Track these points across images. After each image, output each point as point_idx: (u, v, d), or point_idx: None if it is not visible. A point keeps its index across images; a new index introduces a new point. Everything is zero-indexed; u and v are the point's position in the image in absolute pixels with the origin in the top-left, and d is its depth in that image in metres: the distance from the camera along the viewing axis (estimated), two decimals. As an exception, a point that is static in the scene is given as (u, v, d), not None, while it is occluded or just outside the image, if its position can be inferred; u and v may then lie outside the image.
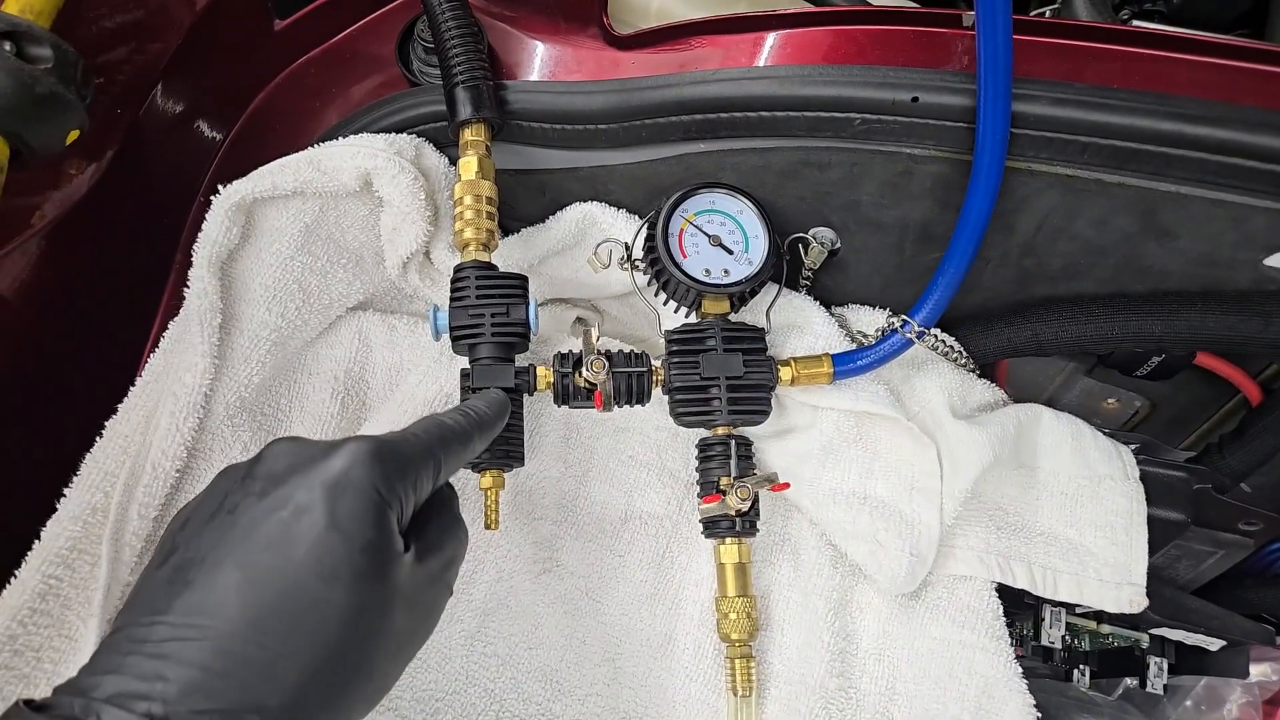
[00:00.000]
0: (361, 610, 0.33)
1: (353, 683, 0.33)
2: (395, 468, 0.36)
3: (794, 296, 0.61)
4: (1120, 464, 0.60)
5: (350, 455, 0.35)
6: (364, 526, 0.33)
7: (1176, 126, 0.49)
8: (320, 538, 0.32)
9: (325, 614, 0.32)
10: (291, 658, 0.30)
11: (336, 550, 0.32)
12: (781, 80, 0.52)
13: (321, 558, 0.32)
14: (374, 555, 0.33)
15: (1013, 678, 0.54)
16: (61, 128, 0.45)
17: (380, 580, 0.34)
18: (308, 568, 0.32)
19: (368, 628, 0.33)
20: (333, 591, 0.32)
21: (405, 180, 0.55)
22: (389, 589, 0.34)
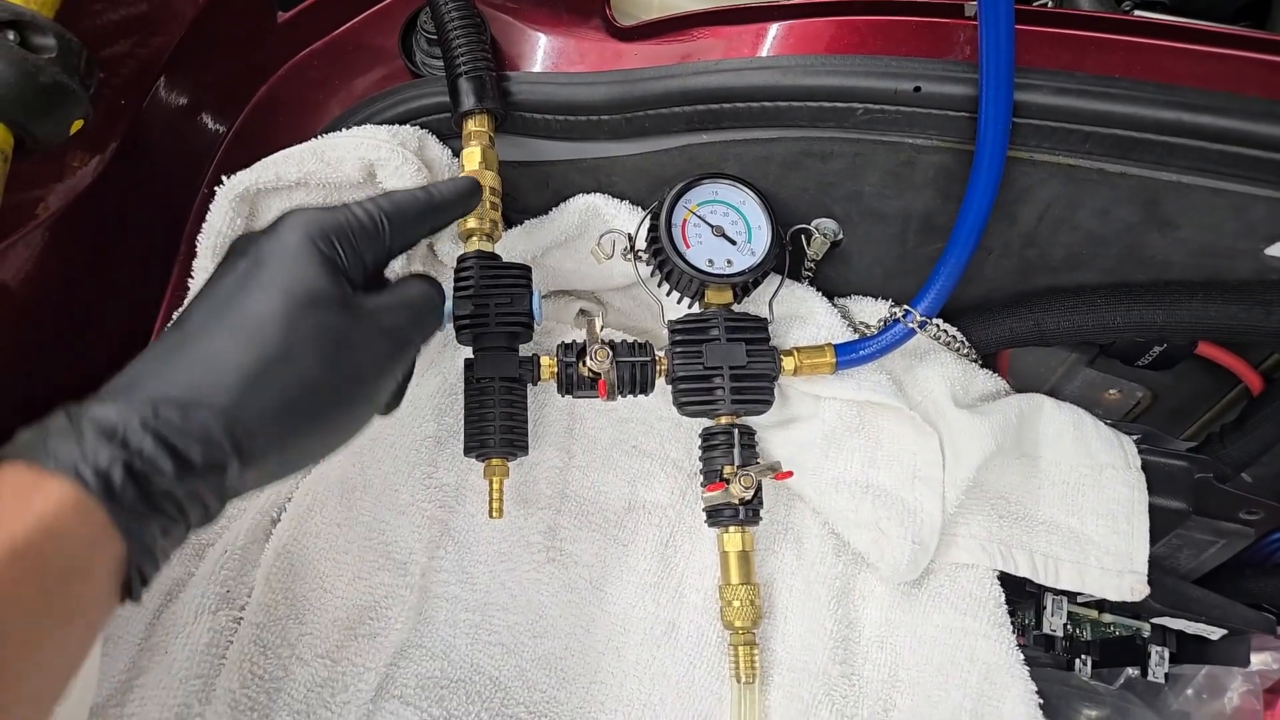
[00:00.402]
0: (295, 323, 0.34)
1: (300, 396, 0.34)
2: (333, 226, 0.38)
3: (796, 287, 0.61)
4: (1122, 453, 0.60)
5: (293, 219, 0.37)
6: (299, 260, 0.36)
7: (1178, 115, 0.49)
8: (257, 268, 0.35)
9: (258, 322, 0.34)
10: (231, 357, 0.33)
11: (272, 274, 0.35)
12: (784, 70, 0.52)
13: (257, 280, 0.35)
14: (308, 282, 0.35)
15: (1014, 664, 0.54)
16: (65, 117, 0.45)
17: (313, 301, 0.35)
18: (248, 290, 0.35)
19: (307, 342, 0.35)
20: (265, 304, 0.34)
21: (408, 171, 0.55)
22: (326, 312, 0.35)
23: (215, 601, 0.49)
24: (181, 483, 0.31)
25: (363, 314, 0.37)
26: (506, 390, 0.53)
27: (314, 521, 0.53)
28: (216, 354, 0.33)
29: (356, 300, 0.37)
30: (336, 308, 0.36)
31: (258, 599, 0.50)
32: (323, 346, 0.35)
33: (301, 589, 0.51)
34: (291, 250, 0.36)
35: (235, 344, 0.33)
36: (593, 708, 0.54)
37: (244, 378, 0.33)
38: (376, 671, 0.50)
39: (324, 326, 0.35)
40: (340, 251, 0.37)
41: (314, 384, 0.35)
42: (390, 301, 0.39)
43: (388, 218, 0.40)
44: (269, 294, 0.35)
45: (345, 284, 0.37)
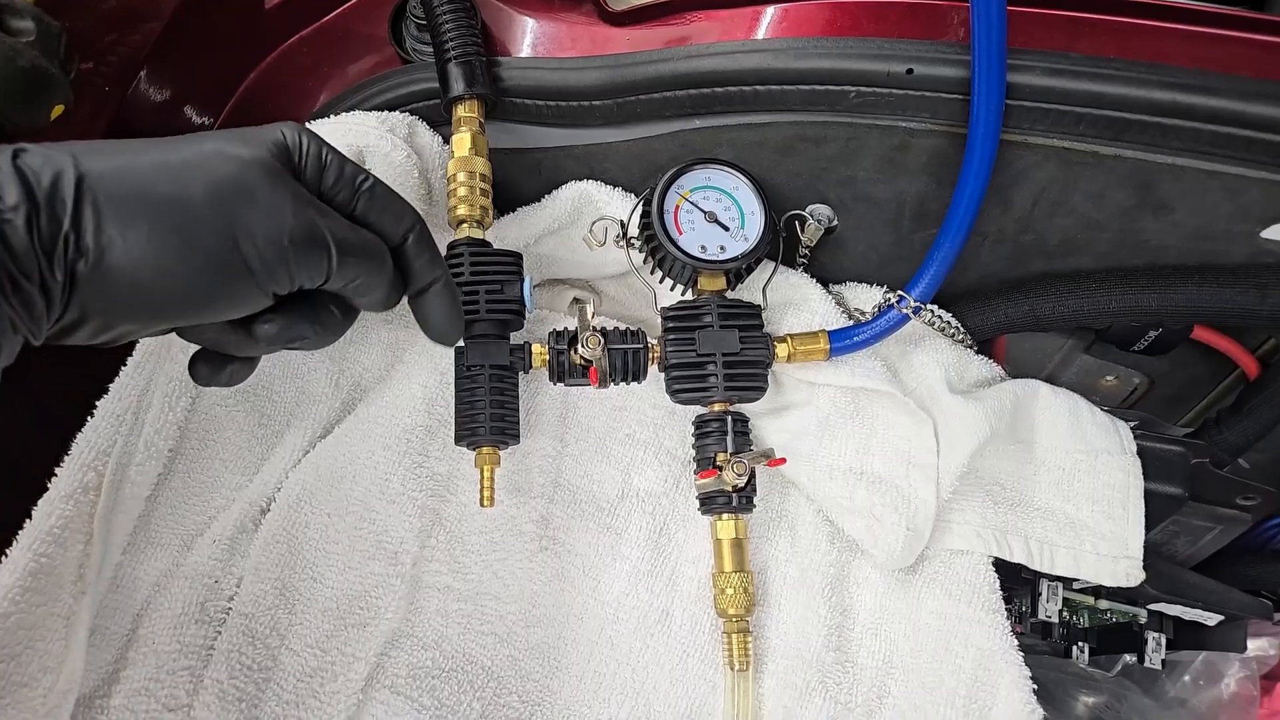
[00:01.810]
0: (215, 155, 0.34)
1: (164, 208, 0.32)
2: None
3: (791, 274, 0.61)
4: (1117, 439, 0.60)
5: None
6: (262, 149, 0.35)
7: (1171, 96, 0.48)
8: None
9: (184, 143, 0.34)
10: (130, 149, 0.33)
11: (233, 139, 0.35)
12: (776, 53, 0.52)
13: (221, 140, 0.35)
14: (259, 154, 0.35)
15: (1008, 650, 0.54)
16: (44, 102, 0.44)
17: (253, 165, 0.34)
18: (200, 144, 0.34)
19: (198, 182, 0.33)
20: (203, 141, 0.34)
21: (398, 158, 0.55)
22: (256, 171, 0.34)
23: (203, 592, 0.49)
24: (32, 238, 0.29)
25: (298, 197, 0.35)
26: (497, 378, 0.52)
27: (304, 511, 0.53)
28: (127, 144, 0.33)
29: (297, 187, 0.36)
30: (274, 176, 0.35)
31: (247, 589, 0.50)
32: (230, 190, 0.34)
33: (291, 579, 0.51)
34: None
35: (147, 145, 0.33)
36: (586, 696, 0.54)
37: (124, 164, 0.32)
38: (367, 661, 0.50)
39: (243, 177, 0.34)
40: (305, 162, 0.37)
41: (197, 223, 0.33)
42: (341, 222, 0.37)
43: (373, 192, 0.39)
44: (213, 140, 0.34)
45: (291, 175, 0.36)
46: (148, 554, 0.50)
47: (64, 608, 0.45)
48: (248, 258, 0.34)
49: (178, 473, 0.52)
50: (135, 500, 0.48)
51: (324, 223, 0.36)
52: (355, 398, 0.60)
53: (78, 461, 0.48)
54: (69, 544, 0.46)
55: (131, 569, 0.49)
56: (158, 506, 0.51)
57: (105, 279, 0.31)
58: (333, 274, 0.37)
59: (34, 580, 0.44)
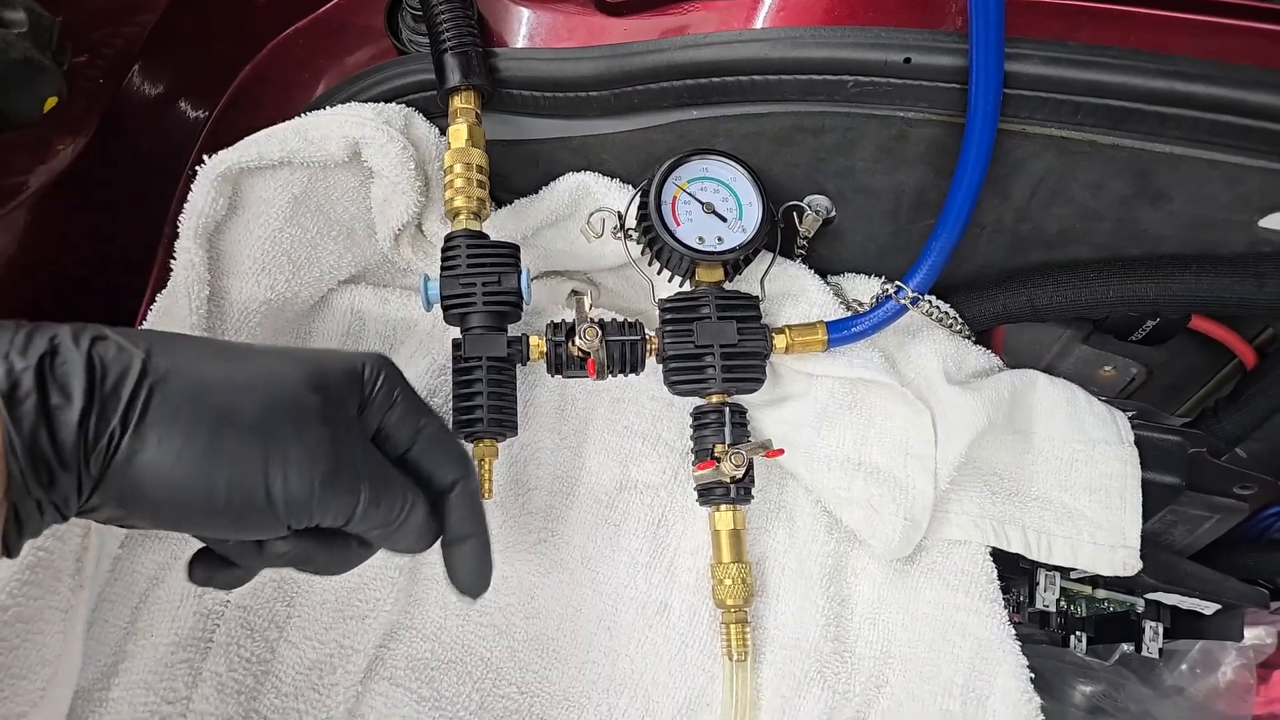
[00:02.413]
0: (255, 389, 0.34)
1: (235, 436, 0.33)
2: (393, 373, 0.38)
3: (789, 264, 0.60)
4: (1115, 428, 0.60)
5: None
6: (329, 379, 0.35)
7: (1170, 85, 0.48)
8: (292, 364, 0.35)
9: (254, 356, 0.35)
10: (209, 346, 0.34)
11: (309, 364, 0.35)
12: (773, 42, 0.51)
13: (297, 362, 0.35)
14: (324, 391, 0.35)
15: (1006, 639, 0.54)
16: (37, 94, 0.44)
17: (312, 411, 0.34)
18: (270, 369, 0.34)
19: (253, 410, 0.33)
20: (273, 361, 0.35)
21: (394, 150, 0.54)
22: (313, 417, 0.34)
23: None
24: (85, 419, 0.30)
25: (345, 437, 0.35)
26: (495, 370, 0.52)
27: (302, 503, 0.53)
28: (204, 346, 0.33)
29: (350, 423, 0.36)
30: (329, 409, 0.35)
31: (245, 581, 0.49)
32: (273, 428, 0.33)
33: (289, 571, 0.51)
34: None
35: (225, 352, 0.33)
36: (585, 687, 0.54)
37: (197, 362, 0.32)
38: (365, 653, 0.50)
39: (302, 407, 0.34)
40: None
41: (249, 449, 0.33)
42: (390, 470, 0.37)
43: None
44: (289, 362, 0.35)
45: (354, 404, 0.36)
46: (145, 546, 0.50)
47: (62, 600, 0.45)
48: (272, 491, 0.33)
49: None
50: (133, 493, 0.48)
51: (363, 467, 0.36)
52: (353, 390, 0.60)
53: (75, 455, 0.48)
54: (67, 537, 0.46)
55: (129, 562, 0.49)
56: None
57: (130, 478, 0.31)
58: (355, 520, 0.36)
59: (32, 573, 0.44)
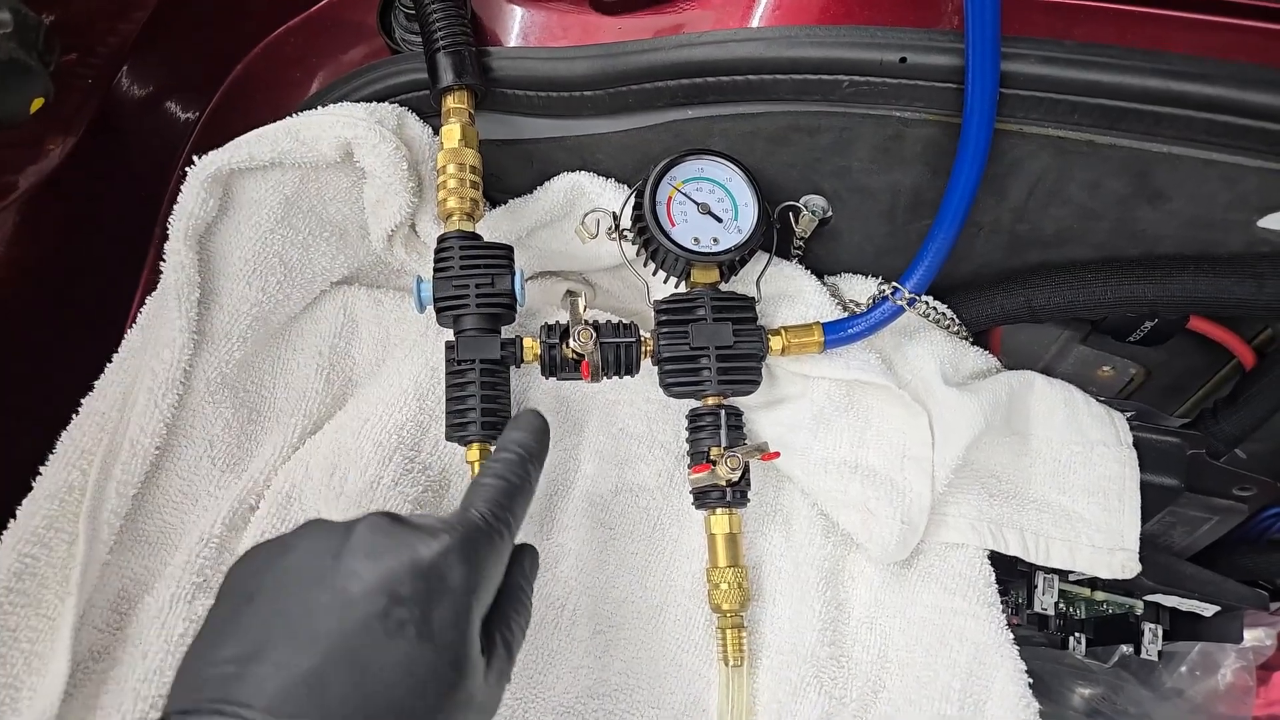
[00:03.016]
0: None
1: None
2: (490, 561, 0.36)
3: (785, 265, 0.60)
4: (1113, 430, 0.59)
5: (445, 550, 0.35)
6: (454, 635, 0.34)
7: (1166, 84, 0.48)
8: (412, 649, 0.32)
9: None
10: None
11: (427, 662, 0.33)
12: (768, 42, 0.51)
13: (412, 669, 0.32)
14: (460, 668, 0.34)
15: (1004, 644, 0.54)
16: (23, 95, 0.44)
17: (460, 692, 0.34)
18: (396, 681, 0.32)
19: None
20: (417, 703, 0.32)
21: (387, 150, 0.54)
22: (464, 698, 0.34)
23: (191, 590, 0.48)
24: None
25: (489, 685, 0.35)
26: (488, 373, 0.52)
27: (294, 509, 0.52)
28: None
29: (484, 674, 0.35)
30: (475, 693, 0.34)
31: (236, 587, 0.49)
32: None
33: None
34: (447, 616, 0.34)
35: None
36: (579, 692, 0.53)
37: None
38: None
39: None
40: (486, 588, 0.36)
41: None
42: (502, 667, 0.37)
43: (512, 513, 0.39)
44: (421, 685, 0.32)
45: (480, 648, 0.35)
46: (135, 552, 0.50)
47: (49, 608, 0.44)
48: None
49: (164, 470, 0.51)
50: (122, 499, 0.48)
51: (510, 658, 0.38)
52: (346, 393, 0.60)
53: (62, 460, 0.48)
54: (53, 544, 0.45)
55: (118, 568, 0.49)
56: (145, 505, 0.50)
57: None
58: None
59: (18, 581, 0.44)
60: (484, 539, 0.37)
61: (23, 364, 0.54)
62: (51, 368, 0.55)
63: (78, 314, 0.58)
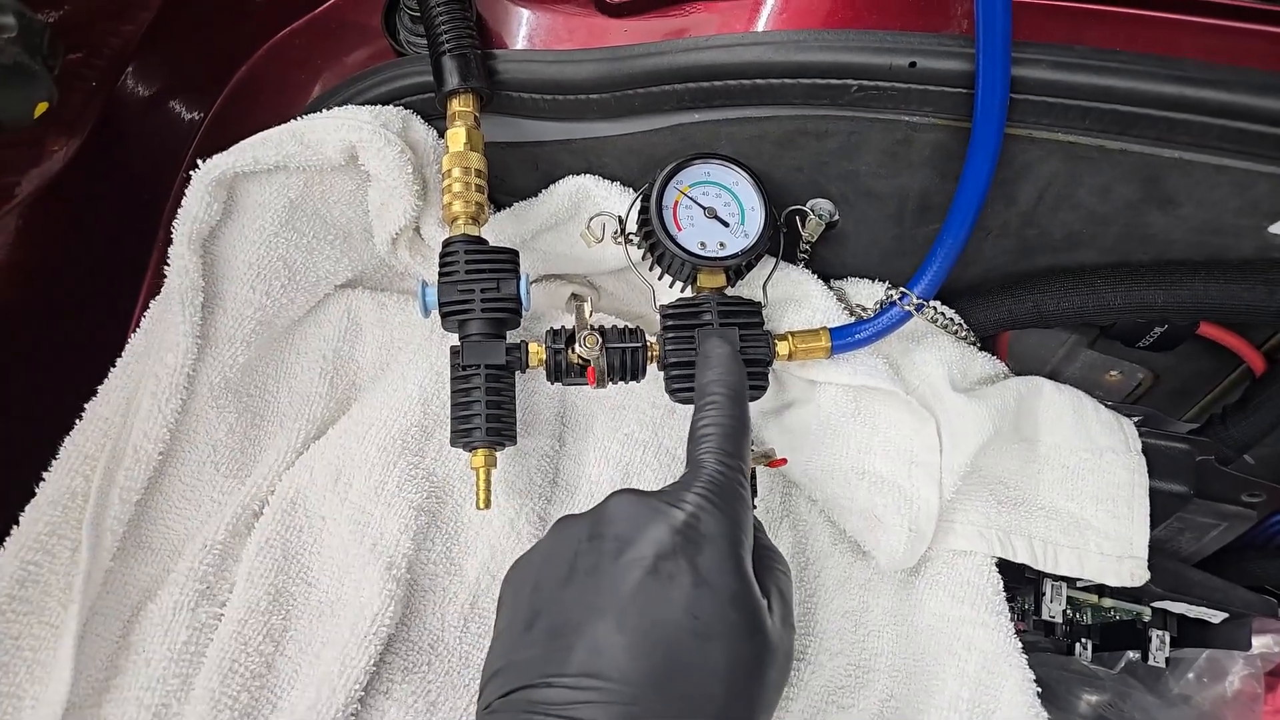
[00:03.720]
0: (740, 665, 0.32)
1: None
2: (740, 507, 0.36)
3: (791, 269, 0.60)
4: (1122, 436, 0.59)
5: (696, 506, 0.34)
6: (728, 578, 0.33)
7: (1179, 90, 0.47)
8: (690, 595, 0.32)
9: (709, 671, 0.31)
10: (688, 717, 0.30)
11: (707, 606, 0.32)
12: (776, 46, 0.51)
13: (696, 614, 0.32)
14: (742, 606, 0.33)
15: (1012, 653, 0.54)
16: (27, 99, 0.43)
17: (752, 632, 0.33)
18: (685, 627, 0.31)
19: (748, 682, 0.33)
20: (710, 649, 0.32)
21: (391, 153, 0.54)
22: (760, 640, 0.33)
23: (194, 598, 0.48)
24: None
25: (775, 632, 0.35)
26: (493, 378, 0.51)
27: (297, 515, 0.52)
28: (663, 704, 0.31)
29: (768, 614, 0.35)
30: (765, 634, 0.34)
31: (239, 595, 0.49)
32: (761, 685, 0.33)
33: (285, 584, 0.50)
34: (713, 560, 0.33)
35: (685, 699, 0.31)
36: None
37: None
38: (362, 667, 0.49)
39: (756, 660, 0.33)
40: (745, 539, 0.35)
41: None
42: (783, 611, 0.37)
43: (743, 458, 0.38)
44: (707, 628, 0.32)
45: (758, 591, 0.35)
46: (138, 559, 0.49)
47: (52, 616, 0.44)
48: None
49: (168, 476, 0.51)
50: (125, 505, 0.47)
51: (787, 601, 0.37)
52: (350, 397, 0.60)
53: (65, 466, 0.47)
54: (56, 551, 0.45)
55: (122, 574, 0.49)
56: (148, 511, 0.50)
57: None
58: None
59: (21, 589, 0.43)
60: (726, 487, 0.36)
61: (25, 368, 0.54)
62: (54, 372, 0.55)
63: (80, 318, 0.57)
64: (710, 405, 0.41)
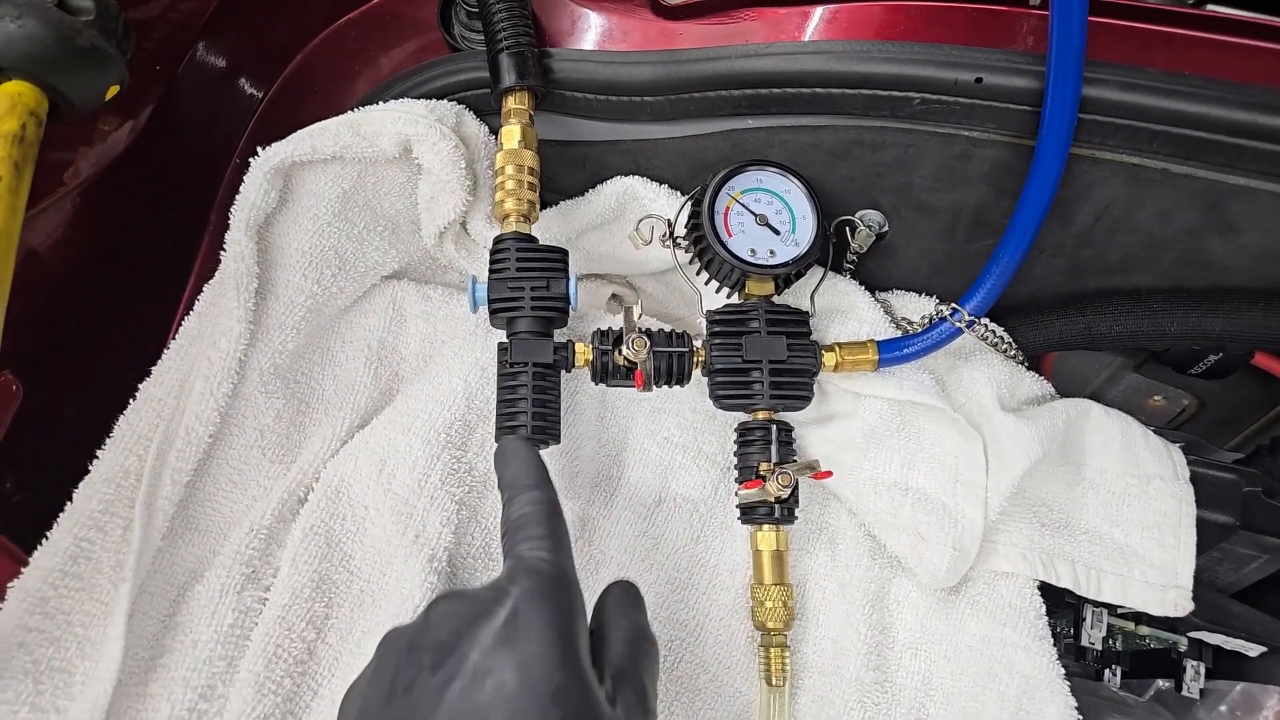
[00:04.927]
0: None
1: None
2: (566, 595, 0.34)
3: (839, 280, 0.59)
4: (1170, 464, 0.58)
5: (517, 600, 0.33)
6: (552, 671, 0.31)
7: (1251, 116, 0.47)
8: (509, 700, 0.30)
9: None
10: None
11: (529, 709, 0.30)
12: (838, 55, 0.50)
13: (515, 717, 0.30)
14: (565, 701, 0.31)
15: (1055, 679, 0.53)
16: (101, 82, 0.44)
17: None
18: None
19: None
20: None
21: (446, 148, 0.54)
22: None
23: (240, 581, 0.48)
24: None
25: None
26: (540, 376, 0.51)
27: (341, 503, 0.52)
28: None
29: (608, 696, 0.33)
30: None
31: (283, 580, 0.49)
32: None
33: (328, 571, 0.50)
34: (533, 653, 0.31)
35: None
36: (617, 702, 0.53)
37: None
38: (401, 657, 0.49)
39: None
40: (575, 629, 0.33)
41: None
42: (632, 701, 0.34)
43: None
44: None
45: (590, 678, 0.33)
46: (186, 540, 0.50)
47: (103, 594, 0.45)
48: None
49: (216, 459, 0.51)
50: (176, 486, 0.48)
51: (643, 689, 0.35)
52: (394, 387, 0.60)
53: (119, 445, 0.48)
54: (108, 529, 0.46)
55: (170, 554, 0.49)
56: (197, 493, 0.50)
57: None
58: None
59: (73, 565, 0.44)
60: (549, 577, 0.35)
61: (81, 347, 0.54)
62: (109, 351, 0.55)
63: (134, 299, 0.58)
64: (519, 495, 0.40)
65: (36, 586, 0.43)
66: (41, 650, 0.43)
